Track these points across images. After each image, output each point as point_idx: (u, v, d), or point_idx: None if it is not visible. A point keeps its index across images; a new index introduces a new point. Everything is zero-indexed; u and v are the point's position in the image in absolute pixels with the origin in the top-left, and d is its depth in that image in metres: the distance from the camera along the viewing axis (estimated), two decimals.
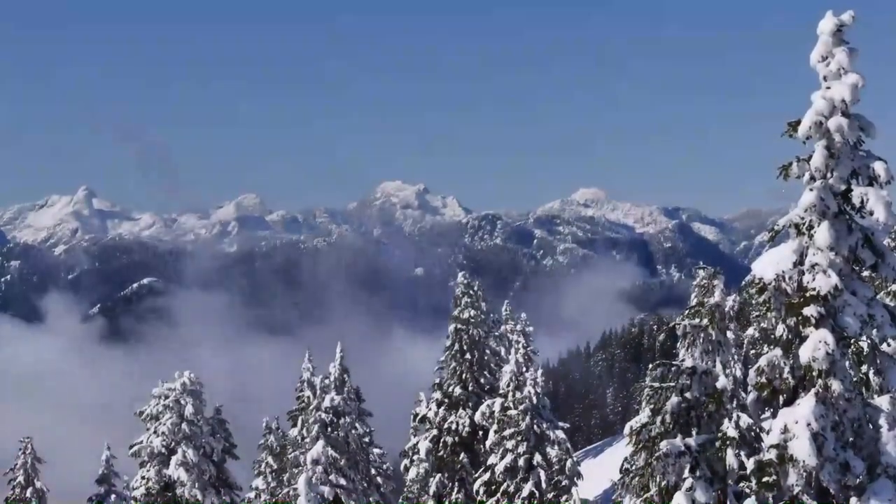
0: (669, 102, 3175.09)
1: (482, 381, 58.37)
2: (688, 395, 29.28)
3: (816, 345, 21.52)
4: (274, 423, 64.21)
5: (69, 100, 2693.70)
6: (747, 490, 26.06)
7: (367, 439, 57.63)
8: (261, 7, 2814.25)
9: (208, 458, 51.18)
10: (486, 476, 47.00)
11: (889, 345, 24.59)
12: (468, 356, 57.89)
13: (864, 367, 23.07)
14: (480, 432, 54.73)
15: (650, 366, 32.04)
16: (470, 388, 57.75)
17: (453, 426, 56.72)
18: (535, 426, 44.36)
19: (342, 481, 50.54)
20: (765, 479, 22.54)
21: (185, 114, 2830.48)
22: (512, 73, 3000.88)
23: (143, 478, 50.98)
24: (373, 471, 57.45)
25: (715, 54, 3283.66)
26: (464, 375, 57.93)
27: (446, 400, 57.47)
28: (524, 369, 48.08)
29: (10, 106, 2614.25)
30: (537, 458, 44.10)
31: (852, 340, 22.31)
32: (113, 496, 51.19)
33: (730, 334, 31.78)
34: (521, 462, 44.24)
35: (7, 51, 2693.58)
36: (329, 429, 52.08)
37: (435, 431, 57.32)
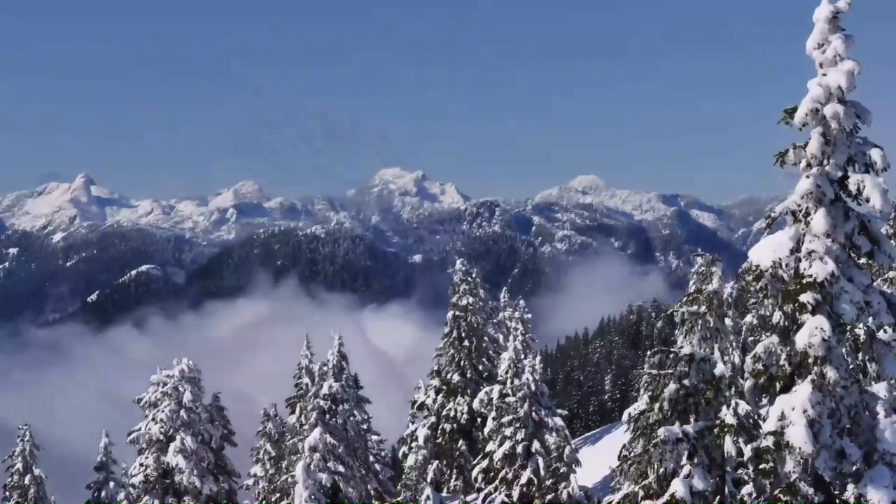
0: (668, 90, 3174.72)
1: (480, 368, 58.41)
2: (686, 382, 29.32)
3: (812, 331, 21.51)
4: (272, 410, 64.22)
5: (67, 88, 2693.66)
6: (745, 477, 26.10)
7: (365, 426, 57.66)
8: None
9: (206, 445, 51.25)
10: (485, 463, 47.02)
11: (886, 332, 24.59)
12: (466, 343, 57.90)
13: (861, 355, 23.09)
14: (479, 419, 54.79)
15: (648, 353, 32.07)
16: (468, 376, 57.79)
17: (452, 413, 56.78)
18: (533, 413, 44.38)
19: (340, 468, 50.58)
20: (762, 466, 22.57)
21: (182, 103, 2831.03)
22: (511, 61, 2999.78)
23: (141, 465, 51.04)
24: (371, 458, 57.52)
25: (715, 42, 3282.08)
26: (462, 362, 57.96)
27: (444, 387, 57.53)
28: (522, 356, 48.06)
29: (8, 94, 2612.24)
30: (536, 445, 44.11)
31: (849, 327, 22.31)
32: (111, 483, 51.21)
33: (728, 321, 31.74)
34: (519, 449, 44.26)
35: (6, 41, 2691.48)
36: (327, 416, 52.09)
37: (433, 418, 57.40)
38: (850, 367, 22.41)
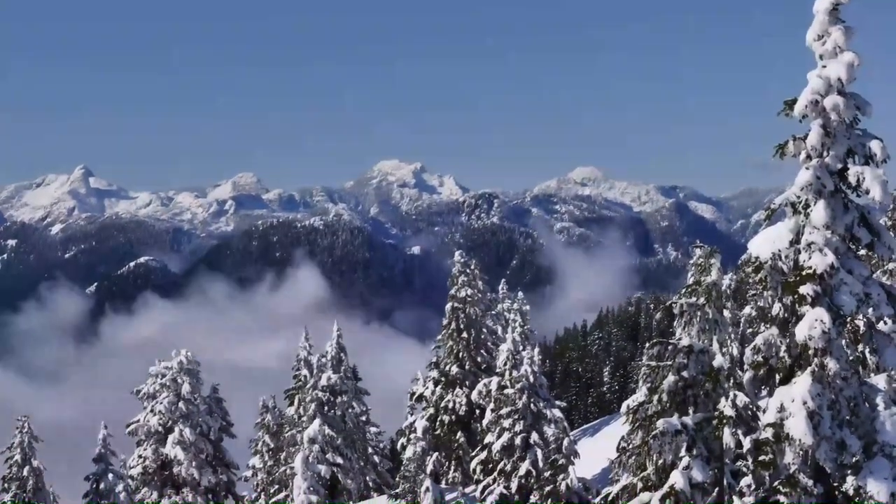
0: (667, 82, 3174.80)
1: (479, 359, 58.31)
2: (684, 373, 29.26)
3: (812, 323, 21.49)
4: (271, 402, 64.20)
5: (66, 79, 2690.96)
6: (744, 469, 26.08)
7: (363, 418, 57.72)
8: None
9: (205, 437, 51.27)
10: (483, 455, 46.99)
11: (885, 323, 24.56)
12: (465, 335, 57.78)
13: (860, 346, 23.07)
14: (477, 411, 54.72)
15: (647, 344, 32.00)
16: (467, 367, 57.69)
17: (450, 405, 56.70)
18: (531, 405, 44.33)
19: (339, 460, 50.63)
20: (761, 458, 22.55)
21: (182, 94, 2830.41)
22: (509, 53, 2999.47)
23: (140, 457, 51.08)
24: (370, 449, 57.56)
25: (714, 34, 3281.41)
26: (461, 354, 57.85)
27: (443, 379, 57.44)
28: (521, 348, 48.02)
29: (6, 85, 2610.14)
30: (534, 436, 44.07)
31: (848, 319, 22.29)
32: (110, 475, 51.21)
33: (727, 313, 31.65)
34: (517, 441, 44.22)
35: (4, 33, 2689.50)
36: (326, 407, 52.14)
37: (432, 410, 57.31)
38: (850, 358, 22.40)
